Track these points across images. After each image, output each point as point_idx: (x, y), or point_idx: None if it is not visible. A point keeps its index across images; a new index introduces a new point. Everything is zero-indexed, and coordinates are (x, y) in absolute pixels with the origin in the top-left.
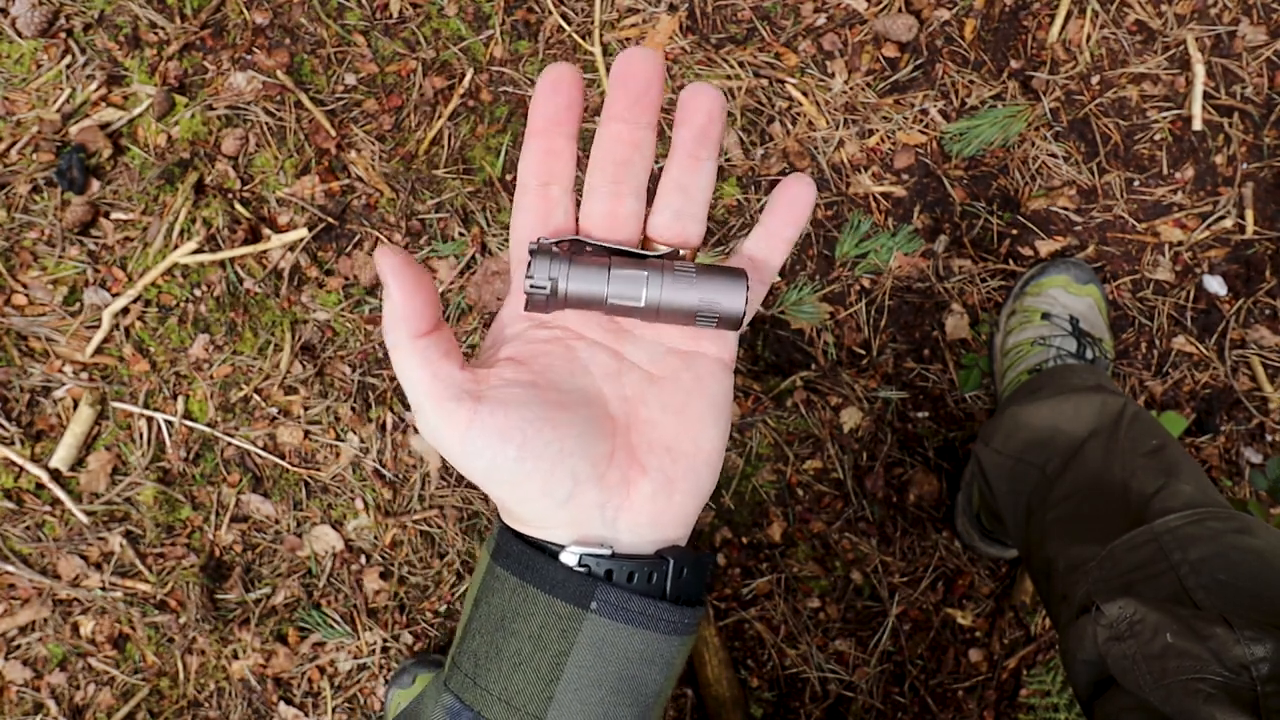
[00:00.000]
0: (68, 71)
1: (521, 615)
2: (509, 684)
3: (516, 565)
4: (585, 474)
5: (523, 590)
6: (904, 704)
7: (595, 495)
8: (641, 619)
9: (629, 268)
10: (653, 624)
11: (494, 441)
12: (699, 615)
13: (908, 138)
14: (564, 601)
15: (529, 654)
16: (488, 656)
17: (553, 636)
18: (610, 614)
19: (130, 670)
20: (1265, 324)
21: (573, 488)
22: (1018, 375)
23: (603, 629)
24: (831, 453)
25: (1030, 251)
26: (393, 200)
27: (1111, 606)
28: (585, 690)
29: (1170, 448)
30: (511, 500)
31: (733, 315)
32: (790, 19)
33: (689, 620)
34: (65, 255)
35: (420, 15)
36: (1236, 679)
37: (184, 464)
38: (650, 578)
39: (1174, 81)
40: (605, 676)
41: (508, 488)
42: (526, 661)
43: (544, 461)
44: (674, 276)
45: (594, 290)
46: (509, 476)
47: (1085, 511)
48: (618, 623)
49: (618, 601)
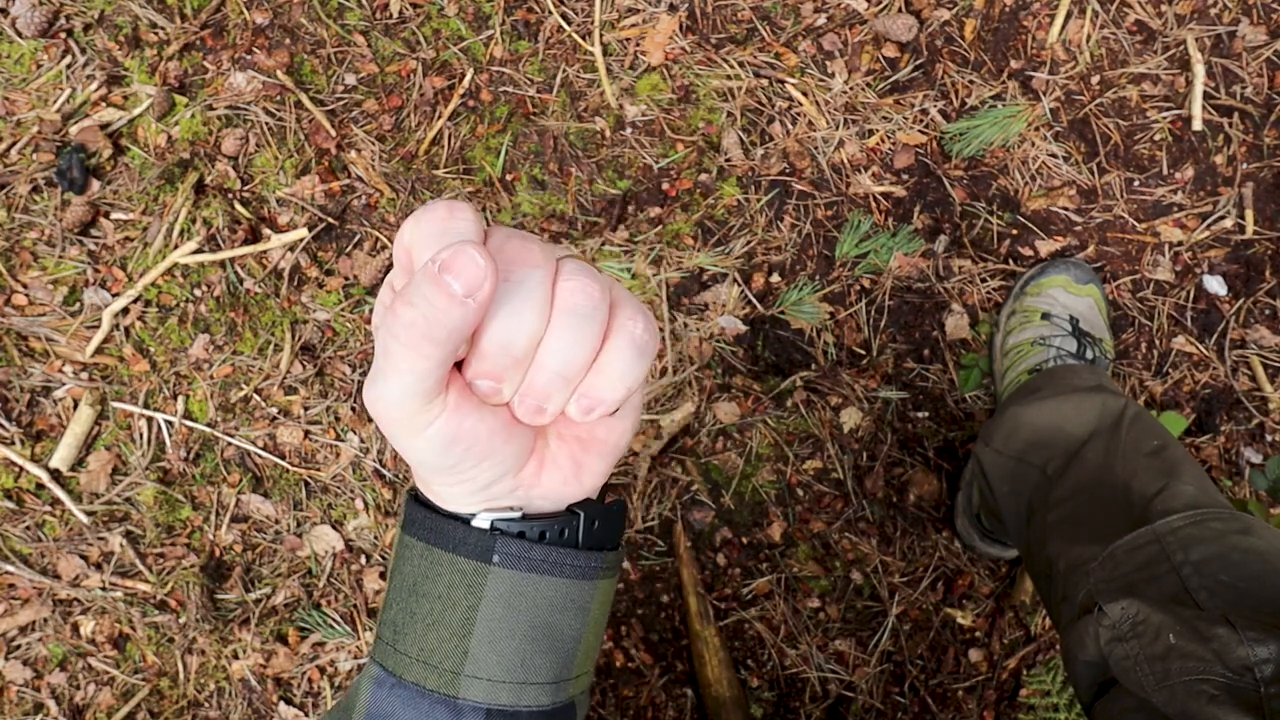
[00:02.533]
0: (68, 71)
1: (430, 577)
2: (424, 644)
3: (423, 531)
4: (509, 469)
5: (429, 553)
6: (904, 704)
7: (511, 483)
8: (545, 566)
9: None
10: (558, 570)
11: (446, 442)
12: (610, 560)
13: (908, 138)
14: (467, 558)
15: (440, 613)
16: (404, 622)
17: (460, 594)
18: (513, 564)
19: (130, 670)
20: (1265, 324)
21: (493, 480)
22: (1018, 375)
23: (508, 580)
24: (831, 453)
25: (1030, 251)
26: (393, 200)
27: (1114, 607)
28: (499, 642)
29: (1171, 448)
30: (434, 482)
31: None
32: (790, 19)
33: (596, 564)
34: (65, 255)
35: (420, 15)
36: (1240, 680)
37: (184, 464)
38: (562, 533)
39: (1174, 81)
40: (517, 626)
41: (433, 472)
42: (439, 620)
43: (479, 463)
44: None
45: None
46: (439, 466)
47: (1086, 512)
48: (522, 572)
49: (519, 552)
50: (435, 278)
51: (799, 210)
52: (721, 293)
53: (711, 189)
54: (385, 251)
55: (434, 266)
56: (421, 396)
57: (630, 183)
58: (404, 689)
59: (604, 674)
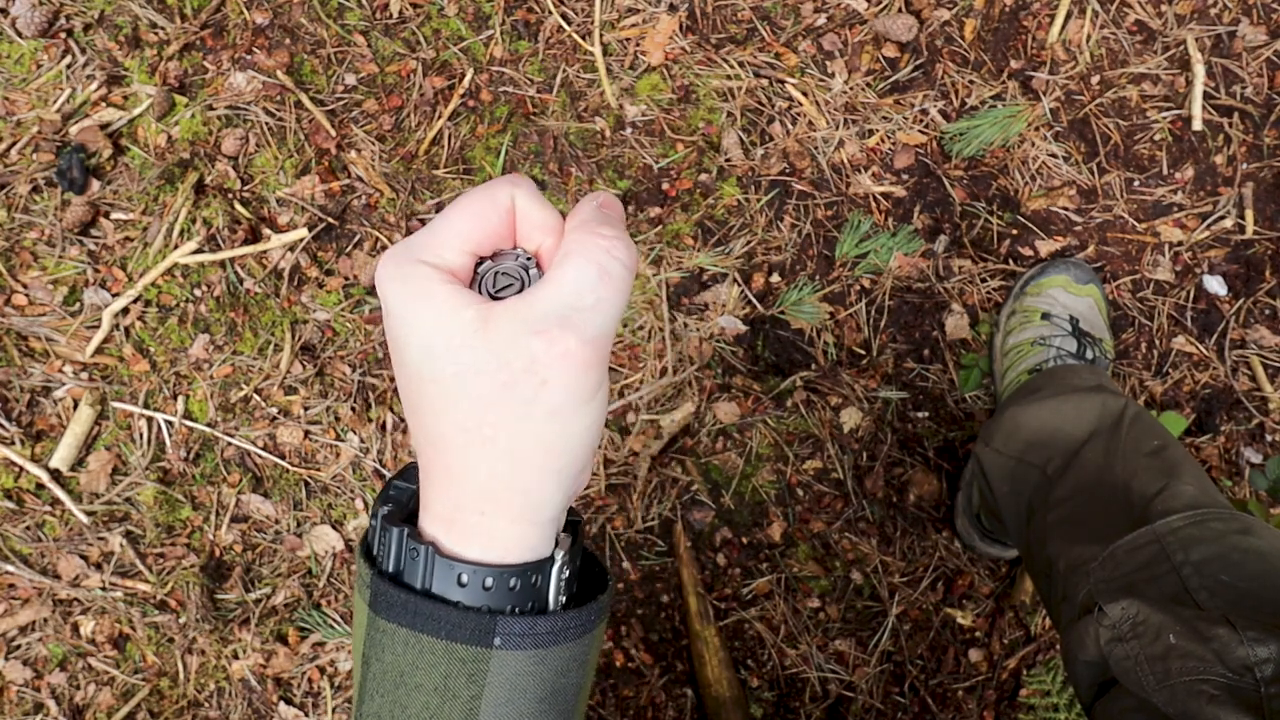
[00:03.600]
0: (68, 71)
1: (420, 667)
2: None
3: (403, 615)
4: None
5: (416, 640)
6: (904, 704)
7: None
8: (550, 638)
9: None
10: (562, 637)
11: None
12: (604, 603)
13: (908, 138)
14: (465, 645)
15: (438, 707)
16: (393, 717)
17: (460, 684)
18: (517, 645)
19: (130, 670)
20: (1265, 324)
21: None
22: (1018, 375)
23: (513, 662)
24: (831, 453)
25: (1030, 251)
26: (393, 200)
27: (1114, 607)
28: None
29: (1171, 448)
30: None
31: None
32: (790, 19)
33: (594, 615)
34: (65, 255)
35: (420, 15)
36: (1240, 680)
37: (184, 464)
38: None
39: (1174, 81)
40: (525, 707)
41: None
42: (436, 715)
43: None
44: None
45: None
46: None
47: (1086, 512)
48: (527, 650)
49: (523, 630)
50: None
51: (799, 210)
52: (721, 293)
53: (711, 189)
54: (385, 251)
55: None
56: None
57: (630, 183)
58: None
59: (604, 674)
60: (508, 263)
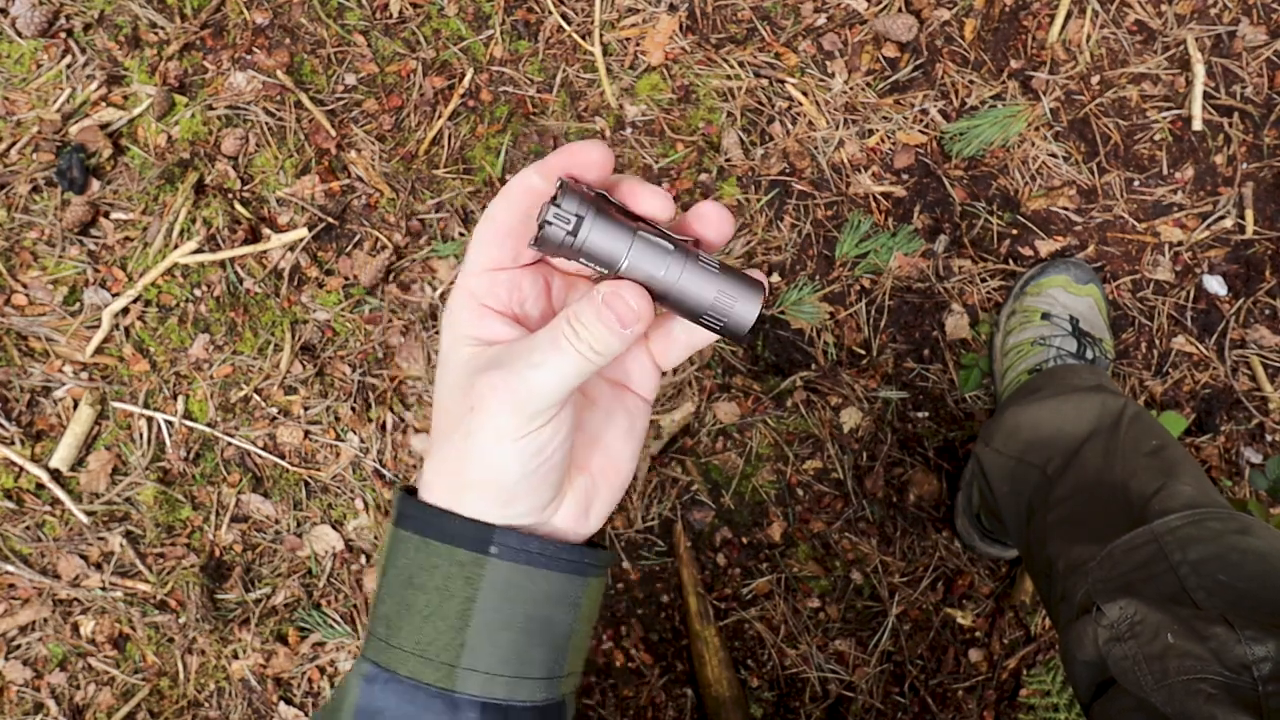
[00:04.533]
0: (68, 71)
1: (426, 569)
2: (420, 636)
3: (418, 524)
4: (553, 497)
5: (425, 546)
6: (904, 704)
7: (540, 518)
8: (542, 560)
9: (655, 239)
10: (554, 564)
11: (537, 449)
12: (602, 558)
13: (908, 138)
14: (465, 549)
15: (437, 605)
16: (399, 615)
17: (457, 584)
18: (511, 556)
19: (130, 670)
20: (1265, 324)
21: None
22: (1018, 375)
23: (505, 571)
24: (831, 453)
25: (1030, 251)
26: (393, 200)
27: (1112, 607)
28: (495, 633)
29: (1170, 448)
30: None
31: (742, 323)
32: (790, 19)
33: (590, 560)
34: (65, 255)
35: (420, 15)
36: (1238, 679)
37: (184, 464)
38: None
39: (1174, 81)
40: (514, 618)
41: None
42: (436, 612)
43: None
44: (696, 265)
45: (614, 248)
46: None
47: (1085, 512)
48: (519, 564)
49: (517, 544)
50: (600, 311)
51: (799, 210)
52: None
53: (711, 189)
54: (385, 251)
55: (599, 298)
56: (563, 394)
57: None
58: (397, 683)
59: (604, 674)
60: (564, 207)
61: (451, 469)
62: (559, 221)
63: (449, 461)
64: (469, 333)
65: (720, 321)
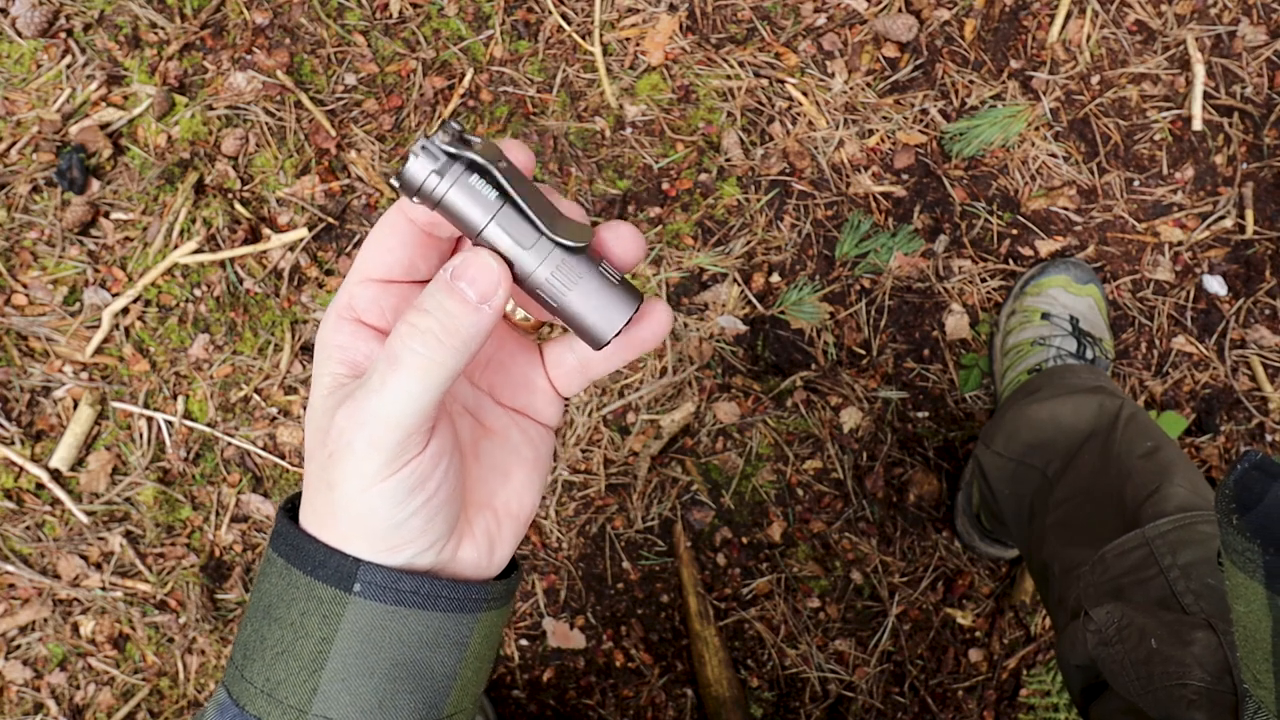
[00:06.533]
0: (68, 71)
1: (285, 601)
2: (271, 674)
3: (284, 548)
4: (445, 533)
5: (288, 574)
6: (904, 704)
7: (434, 558)
8: (415, 599)
9: (531, 214)
10: (431, 603)
11: (411, 487)
12: (496, 590)
13: (908, 138)
14: (325, 584)
15: (290, 642)
16: (253, 647)
17: (314, 623)
18: (376, 595)
19: (130, 670)
20: (1265, 324)
21: (424, 550)
22: (1017, 375)
23: (369, 613)
24: (831, 453)
25: (1030, 251)
26: (392, 200)
27: (1099, 611)
28: (354, 680)
29: (1165, 449)
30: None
31: (598, 333)
32: (790, 19)
33: (479, 595)
34: (65, 255)
35: (420, 15)
36: (1218, 684)
37: (184, 464)
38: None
39: (1174, 81)
40: (378, 664)
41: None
42: (288, 650)
43: (431, 519)
44: (569, 256)
45: (476, 210)
46: (388, 522)
47: (1082, 515)
48: (387, 605)
49: (384, 581)
50: (449, 286)
51: (799, 210)
52: (721, 293)
53: (711, 189)
54: None
55: (446, 274)
56: (421, 417)
57: (630, 183)
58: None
59: (604, 674)
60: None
61: (322, 522)
62: (425, 156)
63: (319, 514)
64: (335, 356)
65: (583, 322)
